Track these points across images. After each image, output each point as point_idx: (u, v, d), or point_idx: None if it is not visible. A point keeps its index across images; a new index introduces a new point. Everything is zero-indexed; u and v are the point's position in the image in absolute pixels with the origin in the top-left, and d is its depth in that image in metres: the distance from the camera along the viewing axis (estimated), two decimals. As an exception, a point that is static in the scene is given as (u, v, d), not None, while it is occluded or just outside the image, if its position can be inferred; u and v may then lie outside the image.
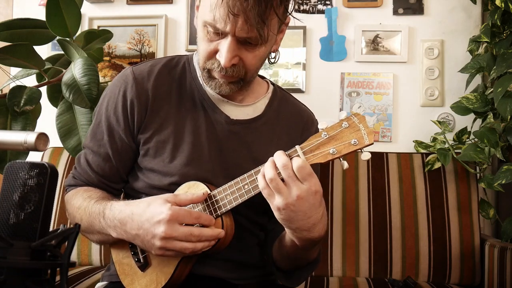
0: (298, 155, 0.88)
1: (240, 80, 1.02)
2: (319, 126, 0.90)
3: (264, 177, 0.87)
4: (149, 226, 0.90)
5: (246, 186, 0.94)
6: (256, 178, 0.91)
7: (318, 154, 0.88)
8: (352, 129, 0.87)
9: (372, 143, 0.86)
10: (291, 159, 0.86)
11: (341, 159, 0.88)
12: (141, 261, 1.01)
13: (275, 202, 0.87)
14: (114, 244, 1.05)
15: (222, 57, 0.96)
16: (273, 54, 1.08)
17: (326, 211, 0.93)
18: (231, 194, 0.95)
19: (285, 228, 0.94)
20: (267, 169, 0.87)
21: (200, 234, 0.91)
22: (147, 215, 0.92)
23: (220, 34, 0.95)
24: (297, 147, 0.89)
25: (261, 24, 0.91)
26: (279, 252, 1.05)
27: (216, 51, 0.98)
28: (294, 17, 1.03)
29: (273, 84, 1.20)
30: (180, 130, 1.05)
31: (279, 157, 0.87)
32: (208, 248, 0.93)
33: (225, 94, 1.05)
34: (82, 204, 1.03)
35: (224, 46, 0.95)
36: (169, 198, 0.94)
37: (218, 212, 0.96)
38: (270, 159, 0.88)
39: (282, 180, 0.86)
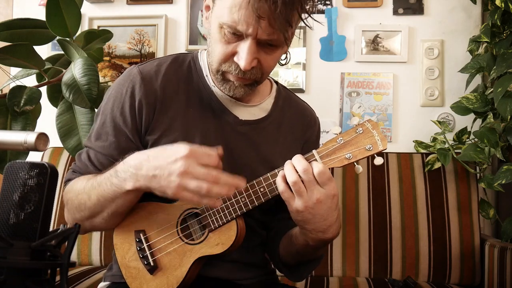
0: (316, 160, 0.90)
1: (254, 82, 1.00)
2: (334, 131, 0.92)
3: (284, 180, 0.89)
4: (166, 164, 0.85)
5: (262, 189, 0.94)
6: (273, 181, 0.92)
7: (335, 159, 0.91)
8: (366, 135, 0.91)
9: (386, 149, 0.90)
10: (309, 163, 0.88)
11: (355, 163, 0.91)
12: (151, 264, 0.98)
13: (295, 205, 0.88)
14: (118, 246, 1.02)
15: (242, 60, 0.93)
16: (283, 56, 1.07)
17: (340, 213, 0.94)
18: (247, 197, 0.95)
19: (300, 229, 0.95)
20: (288, 172, 0.88)
21: (217, 175, 0.84)
22: (164, 155, 0.86)
23: (239, 36, 0.92)
24: (314, 151, 0.91)
25: (286, 27, 0.90)
26: (288, 249, 1.06)
27: (233, 53, 0.95)
28: (314, 19, 1.00)
29: (276, 82, 1.19)
30: (189, 132, 1.03)
31: (299, 161, 0.88)
32: (222, 196, 0.88)
33: (239, 96, 1.03)
34: (86, 184, 0.97)
35: (244, 48, 0.92)
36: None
37: (234, 214, 0.96)
38: (289, 162, 0.89)
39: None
